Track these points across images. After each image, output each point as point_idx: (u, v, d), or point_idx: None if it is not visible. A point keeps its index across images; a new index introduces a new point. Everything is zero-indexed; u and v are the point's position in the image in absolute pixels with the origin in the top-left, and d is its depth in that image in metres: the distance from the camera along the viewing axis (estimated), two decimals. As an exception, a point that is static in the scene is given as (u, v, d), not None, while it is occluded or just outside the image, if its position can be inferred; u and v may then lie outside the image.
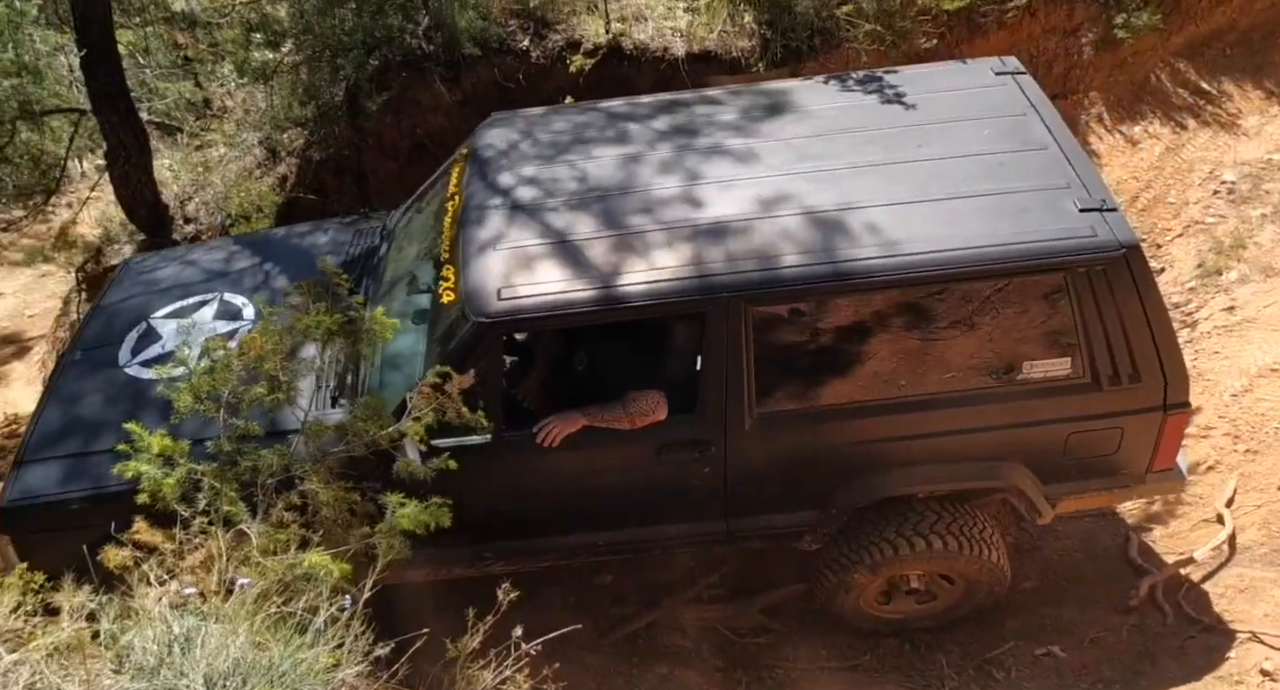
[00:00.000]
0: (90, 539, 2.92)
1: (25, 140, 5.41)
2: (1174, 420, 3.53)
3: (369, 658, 2.54)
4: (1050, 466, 3.64)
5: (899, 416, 3.49)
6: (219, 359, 3.09)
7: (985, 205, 3.39)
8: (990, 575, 3.84)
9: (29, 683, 2.23)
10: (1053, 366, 3.42)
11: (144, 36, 5.97)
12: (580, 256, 3.36)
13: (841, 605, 3.96)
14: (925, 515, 3.72)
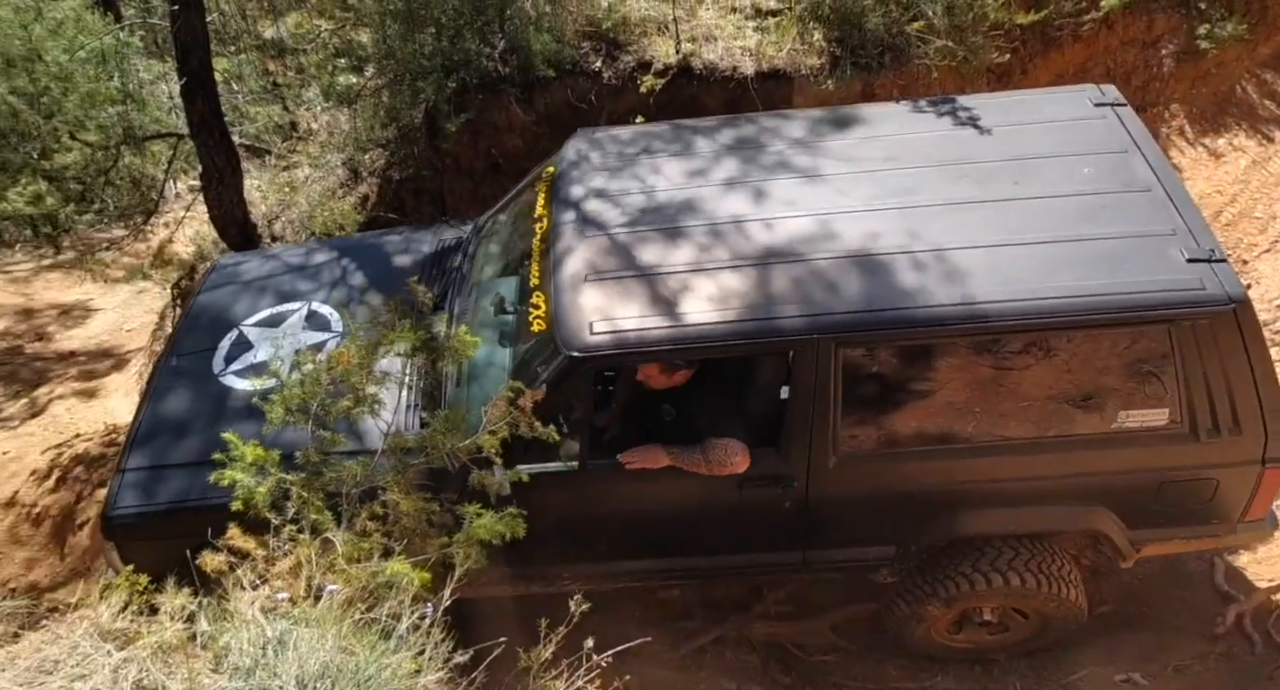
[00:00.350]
0: (190, 546, 3.03)
1: (128, 164, 5.73)
2: (1273, 473, 3.43)
3: (448, 665, 2.61)
4: (1138, 513, 3.57)
5: (984, 459, 3.44)
6: (309, 372, 3.23)
7: (1085, 251, 3.28)
8: (1066, 612, 3.78)
9: (137, 679, 2.36)
10: (1150, 416, 3.34)
11: (238, 64, 6.28)
12: (671, 291, 3.35)
13: (912, 634, 3.94)
14: (1003, 551, 3.67)
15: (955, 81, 5.71)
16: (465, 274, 4.18)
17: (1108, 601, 4.27)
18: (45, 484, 4.60)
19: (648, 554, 3.76)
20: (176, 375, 4.05)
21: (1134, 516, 3.57)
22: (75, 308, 7.37)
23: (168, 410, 3.91)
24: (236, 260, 4.77)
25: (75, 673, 2.37)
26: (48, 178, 5.51)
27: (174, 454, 3.72)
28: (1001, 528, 3.62)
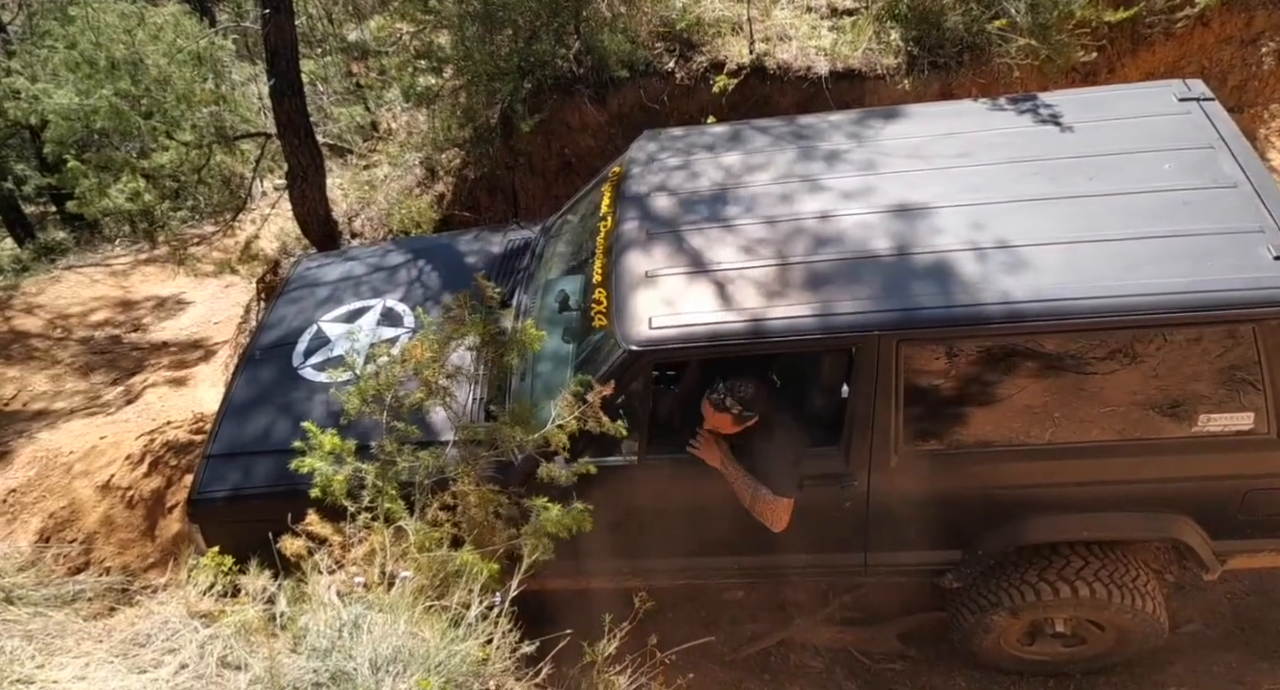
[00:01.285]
0: (269, 530, 3.16)
1: (219, 162, 5.97)
2: None
3: (515, 654, 2.67)
4: (1222, 522, 3.41)
5: (1055, 462, 3.34)
6: (383, 365, 3.32)
7: (1164, 248, 3.17)
8: (1144, 625, 3.64)
9: (221, 655, 2.47)
10: (1234, 421, 3.22)
11: (323, 66, 6.49)
12: (731, 287, 3.34)
13: (980, 644, 3.84)
14: (1072, 560, 3.56)
15: (1038, 81, 5.56)
16: (532, 272, 4.26)
17: (1193, 619, 4.11)
18: (138, 469, 4.82)
19: (705, 551, 3.75)
20: (259, 367, 4.21)
21: (1217, 526, 3.42)
22: (169, 300, 7.71)
23: (250, 400, 4.06)
24: (319, 260, 4.96)
25: (165, 647, 2.49)
26: (145, 176, 5.78)
27: (255, 442, 3.86)
28: (1073, 534, 3.51)
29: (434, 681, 2.40)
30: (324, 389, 3.90)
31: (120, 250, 8.45)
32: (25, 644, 2.42)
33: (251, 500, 3.68)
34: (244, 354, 4.47)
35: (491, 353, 3.30)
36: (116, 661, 2.41)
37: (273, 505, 3.48)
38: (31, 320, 7.45)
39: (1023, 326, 3.13)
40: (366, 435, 3.41)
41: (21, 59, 5.78)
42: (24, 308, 7.57)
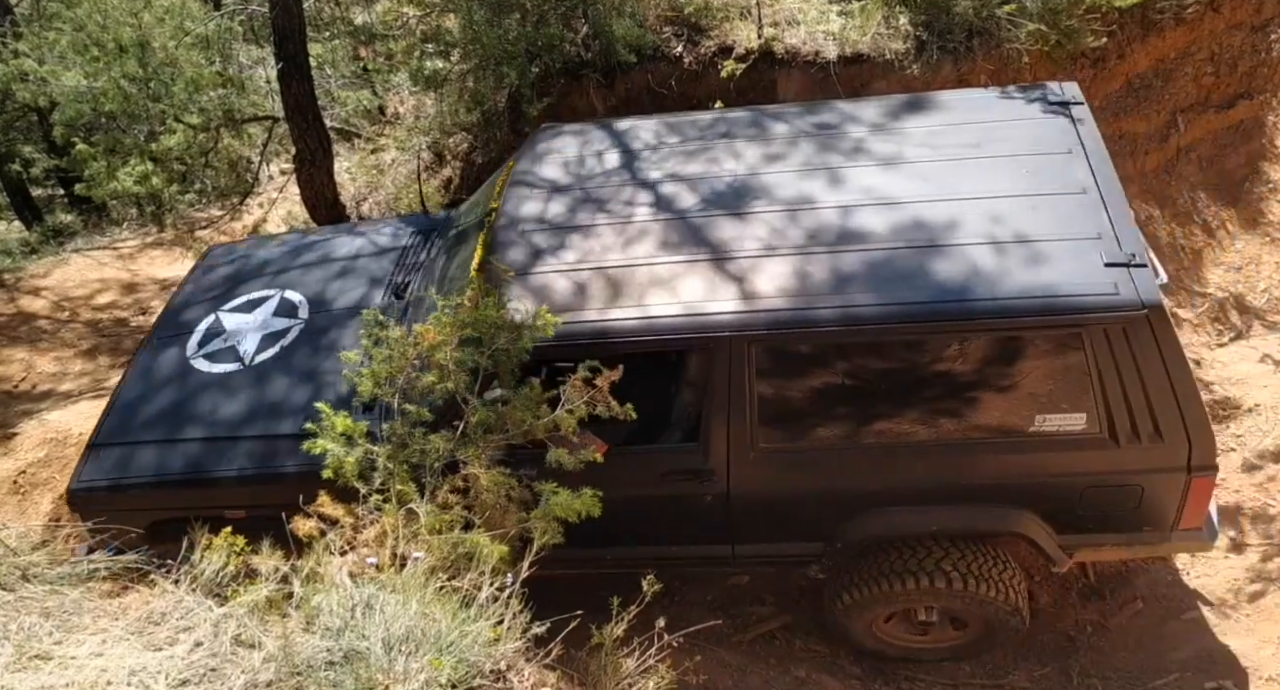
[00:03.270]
0: (149, 519, 3.19)
1: (226, 146, 5.97)
2: (1200, 483, 3.34)
3: (526, 635, 2.69)
4: (1065, 517, 3.49)
5: (898, 459, 3.43)
6: (396, 348, 3.33)
7: (1006, 252, 3.26)
8: (1004, 616, 3.70)
9: (235, 633, 2.50)
10: (1067, 421, 3.29)
11: (330, 49, 6.47)
12: (596, 287, 3.44)
13: (852, 629, 3.91)
14: (933, 552, 3.63)
15: (1047, 67, 5.54)
16: (429, 261, 4.30)
17: (1193, 608, 4.14)
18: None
19: (582, 541, 3.68)
20: (154, 356, 4.23)
21: (1061, 521, 3.50)
22: (175, 284, 7.71)
23: (140, 389, 4.08)
24: (228, 249, 4.96)
25: (180, 625, 2.51)
26: (153, 159, 5.78)
27: (138, 432, 3.87)
28: (921, 527, 3.59)
29: (446, 661, 2.43)
30: (211, 378, 3.98)
31: (128, 233, 8.45)
32: (43, 621, 2.45)
33: (130, 490, 3.69)
34: (142, 342, 4.50)
35: (505, 339, 3.31)
36: (132, 639, 2.44)
37: (150, 495, 3.59)
38: (39, 302, 7.47)
39: (860, 329, 3.24)
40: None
41: (29, 41, 5.77)
42: (31, 290, 7.59)
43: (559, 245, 3.63)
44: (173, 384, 4.05)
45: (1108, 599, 4.33)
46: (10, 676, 2.18)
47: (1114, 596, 4.33)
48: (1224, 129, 6.01)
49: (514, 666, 2.66)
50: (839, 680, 4.01)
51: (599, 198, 3.80)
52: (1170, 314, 3.22)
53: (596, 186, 3.86)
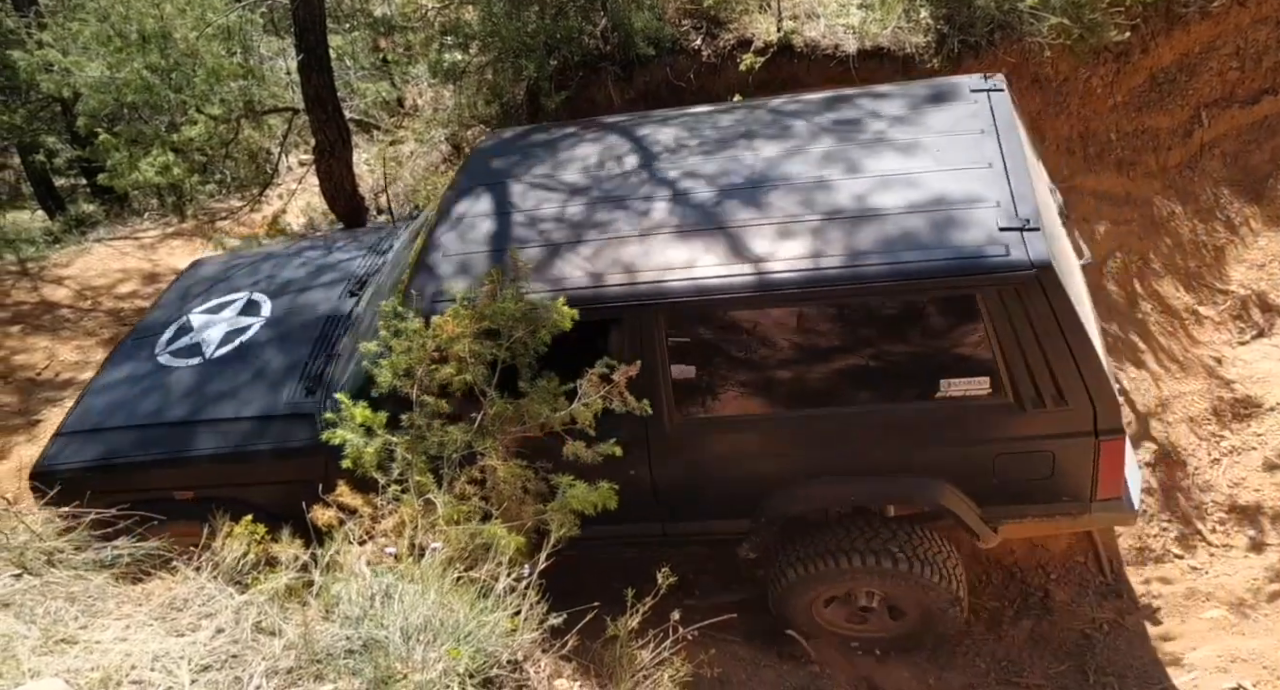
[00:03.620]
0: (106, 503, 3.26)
1: (246, 137, 6.00)
2: (1109, 446, 3.34)
3: (543, 626, 2.71)
4: (983, 489, 3.50)
5: (817, 430, 3.46)
6: (415, 340, 3.35)
7: (910, 221, 3.35)
8: (941, 603, 3.70)
9: (256, 620, 2.53)
10: (971, 385, 3.34)
11: (350, 41, 6.49)
12: (514, 267, 3.55)
13: (793, 613, 3.90)
14: (873, 531, 3.65)
15: (1069, 61, 5.50)
16: (386, 264, 4.48)
17: (1218, 605, 4.12)
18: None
19: None
20: (126, 354, 4.47)
21: (980, 493, 3.51)
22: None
23: (108, 383, 4.31)
24: (209, 260, 5.29)
25: (202, 611, 2.55)
26: (175, 149, 5.83)
27: (98, 421, 4.08)
28: (838, 500, 3.62)
29: (464, 651, 2.45)
30: (173, 372, 4.21)
31: (149, 223, 8.52)
32: (68, 606, 2.49)
33: (84, 476, 3.83)
34: (118, 343, 4.78)
35: (524, 330, 3.32)
36: (155, 625, 2.47)
37: (102, 478, 3.76)
38: (61, 291, 7.55)
39: (765, 295, 3.32)
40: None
41: (53, 32, 5.81)
42: (54, 279, 7.67)
43: (487, 235, 3.79)
44: (138, 378, 4.28)
45: (1125, 597, 4.31)
46: (37, 660, 2.22)
47: (1132, 595, 4.31)
48: (1248, 125, 5.95)
49: (530, 657, 2.68)
50: (851, 679, 4.01)
51: (528, 193, 3.96)
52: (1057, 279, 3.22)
53: (530, 184, 4.01)
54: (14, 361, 6.70)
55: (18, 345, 6.85)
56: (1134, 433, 4.85)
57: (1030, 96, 5.50)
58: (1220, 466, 4.81)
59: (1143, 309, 5.26)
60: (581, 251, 3.58)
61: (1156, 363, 5.08)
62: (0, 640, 2.26)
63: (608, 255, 3.54)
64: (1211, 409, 4.97)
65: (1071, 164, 5.52)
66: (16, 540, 2.77)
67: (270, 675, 2.32)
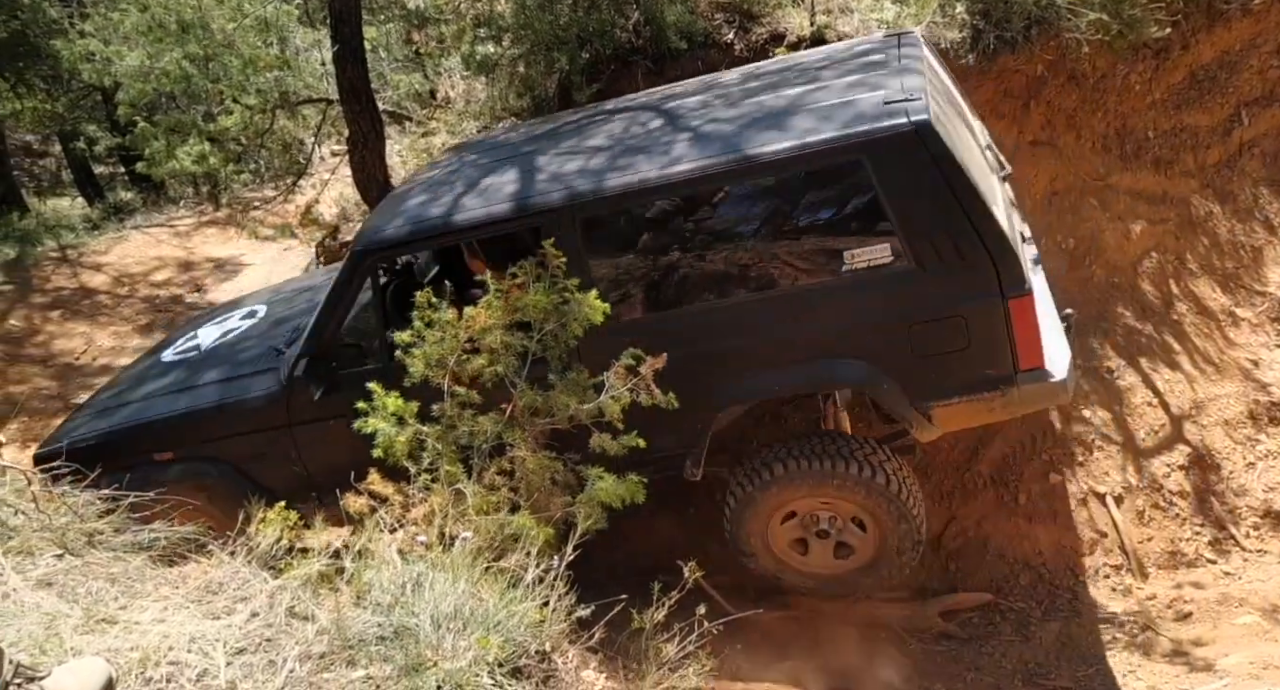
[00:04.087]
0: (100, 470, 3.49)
1: (281, 127, 6.06)
2: (1018, 306, 3.34)
3: (571, 617, 2.73)
4: (904, 367, 3.51)
5: (734, 321, 3.53)
6: (448, 331, 3.38)
7: (810, 114, 3.53)
8: (896, 521, 3.68)
9: (289, 605, 2.57)
10: (874, 254, 3.42)
11: (384, 33, 6.53)
12: (454, 197, 3.82)
13: (745, 542, 3.87)
14: (809, 438, 3.73)
15: (1107, 57, 5.42)
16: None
17: (1250, 613, 4.07)
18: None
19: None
20: (143, 360, 4.95)
21: (903, 375, 3.51)
22: (228, 262, 7.90)
23: (120, 381, 4.73)
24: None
25: (237, 595, 2.60)
26: (211, 139, 5.90)
27: (93, 405, 4.47)
28: (762, 392, 3.63)
29: (493, 640, 2.48)
30: (171, 364, 4.56)
31: (184, 211, 8.65)
32: (109, 586, 2.54)
33: (72, 451, 3.96)
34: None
35: (555, 323, 3.34)
36: (192, 607, 2.52)
37: (85, 455, 3.87)
38: (99, 278, 7.69)
39: (673, 186, 3.48)
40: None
41: (95, 22, 5.90)
42: (93, 266, 7.82)
43: (435, 191, 4.01)
44: (141, 373, 4.64)
45: (1156, 601, 4.27)
46: (79, 638, 2.27)
47: (1163, 599, 4.27)
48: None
49: (558, 648, 2.71)
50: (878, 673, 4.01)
51: (477, 165, 4.18)
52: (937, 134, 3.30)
53: (481, 161, 4.23)
54: (53, 346, 6.84)
55: (57, 330, 6.99)
56: (1167, 435, 4.80)
57: (1067, 93, 5.43)
58: (1255, 471, 4.74)
59: (1178, 310, 5.19)
60: (501, 182, 3.84)
61: (1191, 365, 5.01)
62: (45, 618, 2.32)
63: (525, 181, 3.77)
64: (1247, 412, 4.89)
65: (1108, 162, 5.45)
66: (58, 521, 2.83)
67: (303, 659, 2.35)
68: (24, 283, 7.82)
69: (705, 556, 4.16)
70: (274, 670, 2.30)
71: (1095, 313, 5.09)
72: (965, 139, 3.75)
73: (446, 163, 4.45)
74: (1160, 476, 4.68)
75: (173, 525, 3.22)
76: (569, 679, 2.68)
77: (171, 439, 4.04)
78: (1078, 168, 5.38)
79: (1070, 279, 5.15)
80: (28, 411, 6.00)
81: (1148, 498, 4.63)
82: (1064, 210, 5.30)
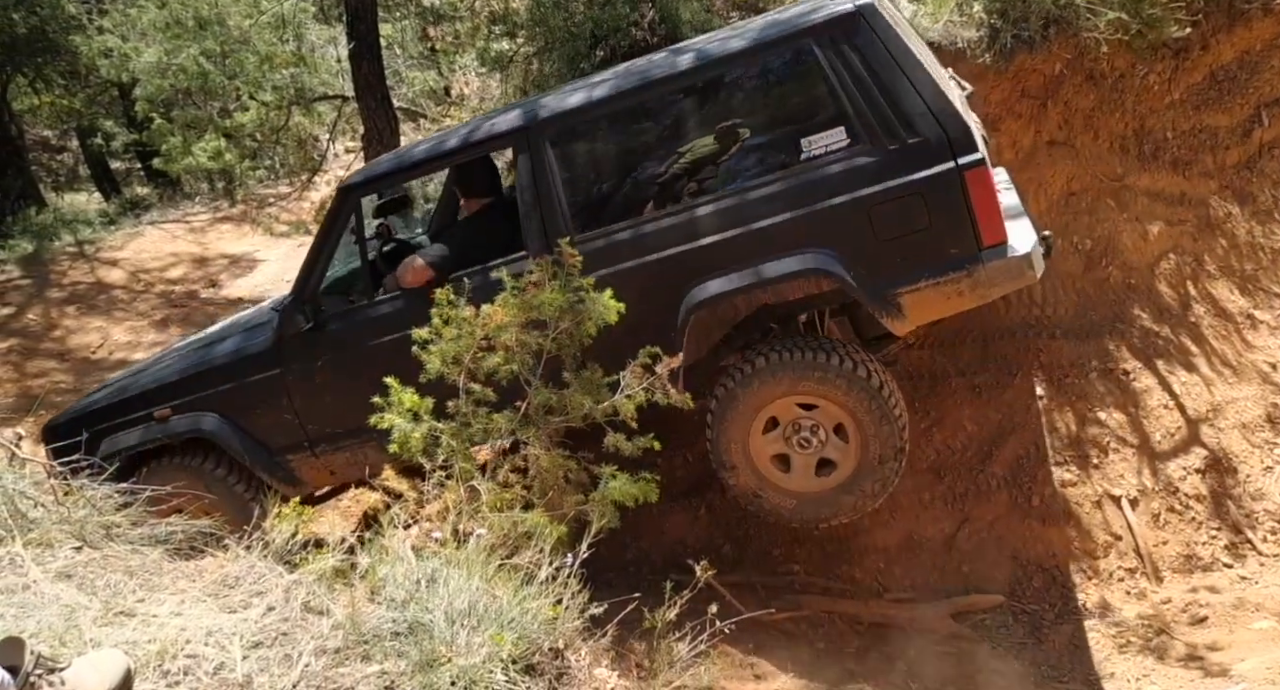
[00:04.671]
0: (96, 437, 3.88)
1: (296, 123, 6.09)
2: (973, 175, 3.38)
3: (584, 615, 2.74)
4: (871, 255, 3.50)
5: (702, 223, 3.58)
6: (464, 328, 3.39)
7: (762, 24, 3.73)
8: (873, 408, 3.62)
9: (305, 600, 2.59)
10: (830, 138, 3.51)
11: (400, 30, 6.55)
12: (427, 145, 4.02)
13: (728, 457, 3.80)
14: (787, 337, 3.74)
15: (1126, 57, 5.38)
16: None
17: (1268, 618, 4.03)
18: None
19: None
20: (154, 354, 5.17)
21: (870, 262, 3.50)
22: (243, 258, 7.93)
23: (135, 369, 4.81)
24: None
25: (253, 589, 2.61)
26: (226, 135, 5.93)
27: (103, 386, 4.66)
28: (732, 292, 3.59)
29: (507, 637, 2.48)
30: (181, 346, 4.70)
31: (199, 207, 8.69)
32: (127, 579, 2.56)
33: (75, 419, 4.30)
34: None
35: (570, 321, 3.34)
36: (209, 601, 2.54)
37: (89, 420, 4.18)
38: (115, 273, 7.74)
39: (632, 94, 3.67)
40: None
41: (113, 18, 5.94)
42: (109, 261, 7.86)
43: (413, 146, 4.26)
44: (152, 362, 4.74)
45: (1172, 602, 4.24)
46: (98, 630, 2.29)
47: (1178, 603, 4.24)
48: (1311, 124, 5.78)
49: (571, 645, 2.71)
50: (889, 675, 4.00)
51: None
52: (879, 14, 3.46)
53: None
54: (70, 341, 6.89)
55: (74, 325, 7.04)
56: (1184, 438, 4.76)
57: (1085, 93, 5.40)
58: (1273, 474, 4.70)
59: (1196, 312, 5.15)
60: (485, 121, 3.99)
61: (1209, 367, 4.98)
62: (64, 610, 2.34)
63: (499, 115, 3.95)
64: (1265, 416, 4.85)
65: (1125, 162, 5.41)
66: (77, 514, 2.85)
67: (319, 654, 2.36)
68: (41, 278, 7.88)
69: (716, 556, 4.21)
70: (290, 664, 2.31)
71: (1112, 314, 5.06)
72: (916, 39, 3.85)
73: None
74: (1176, 480, 4.65)
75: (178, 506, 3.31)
76: (582, 676, 2.68)
77: (170, 396, 4.16)
78: (1095, 168, 5.34)
79: (1087, 280, 5.11)
80: (45, 405, 6.05)
81: (1163, 501, 4.60)
82: (1081, 211, 5.26)
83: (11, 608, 2.35)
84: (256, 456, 4.06)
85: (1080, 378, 4.85)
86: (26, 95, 10.41)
